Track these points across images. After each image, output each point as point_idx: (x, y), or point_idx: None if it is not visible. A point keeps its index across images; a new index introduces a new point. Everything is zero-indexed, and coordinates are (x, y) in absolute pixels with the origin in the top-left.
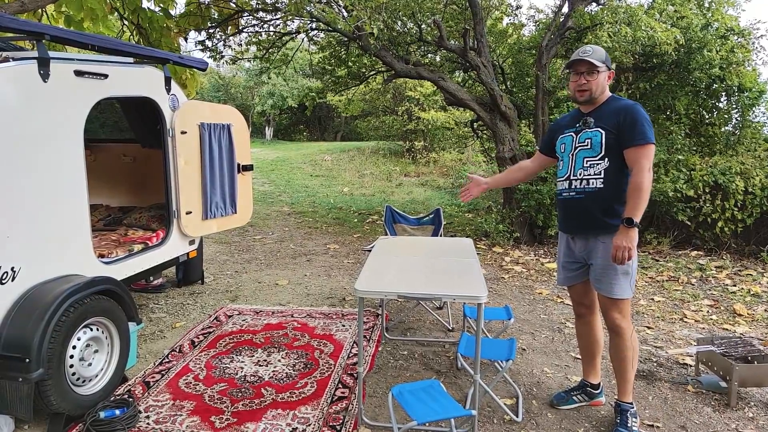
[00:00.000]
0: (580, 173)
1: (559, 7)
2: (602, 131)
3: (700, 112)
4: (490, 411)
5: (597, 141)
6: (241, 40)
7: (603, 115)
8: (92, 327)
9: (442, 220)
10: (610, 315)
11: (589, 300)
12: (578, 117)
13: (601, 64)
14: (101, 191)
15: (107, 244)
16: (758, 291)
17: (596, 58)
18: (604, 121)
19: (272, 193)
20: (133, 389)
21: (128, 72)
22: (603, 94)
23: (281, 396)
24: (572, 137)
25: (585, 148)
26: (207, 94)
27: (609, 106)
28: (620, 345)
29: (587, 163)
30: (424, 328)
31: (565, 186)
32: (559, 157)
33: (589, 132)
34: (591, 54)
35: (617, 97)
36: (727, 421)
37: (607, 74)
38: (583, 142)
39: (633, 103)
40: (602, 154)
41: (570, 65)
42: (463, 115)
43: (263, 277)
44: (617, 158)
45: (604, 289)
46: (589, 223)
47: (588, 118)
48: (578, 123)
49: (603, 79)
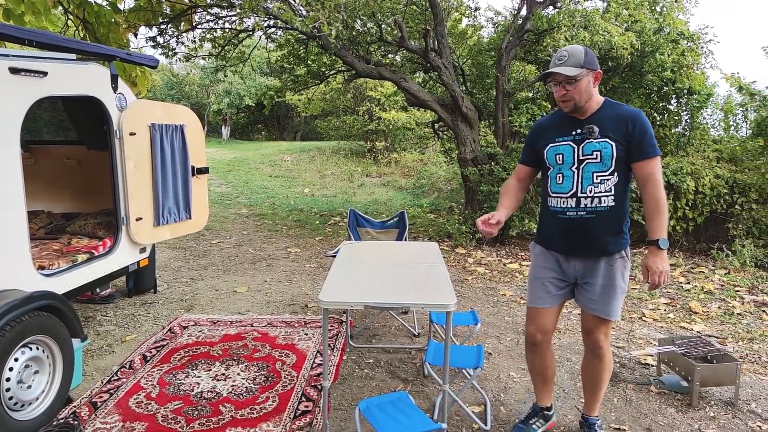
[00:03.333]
0: (590, 190)
1: (518, 10)
2: (612, 143)
3: (652, 114)
4: (458, 419)
5: (608, 154)
6: (195, 36)
7: (605, 123)
8: (31, 346)
9: (406, 224)
10: (595, 337)
11: (553, 325)
12: (573, 123)
13: (578, 70)
14: (42, 196)
15: (48, 255)
16: (711, 288)
17: (573, 64)
18: (610, 130)
19: (230, 194)
20: (78, 411)
21: (70, 69)
22: (592, 99)
23: (241, 413)
24: (572, 147)
25: (594, 162)
26: (160, 93)
27: (608, 112)
28: (599, 367)
29: (597, 178)
30: (389, 334)
31: (570, 204)
32: (551, 167)
33: (596, 143)
34: (566, 61)
35: (614, 103)
36: (690, 421)
37: (591, 77)
38: (590, 154)
39: (637, 110)
40: (612, 169)
41: (544, 76)
42: (424, 115)
43: (221, 284)
44: (624, 172)
45: (600, 309)
46: (596, 244)
47: (592, 127)
48: (576, 131)
49: (587, 85)
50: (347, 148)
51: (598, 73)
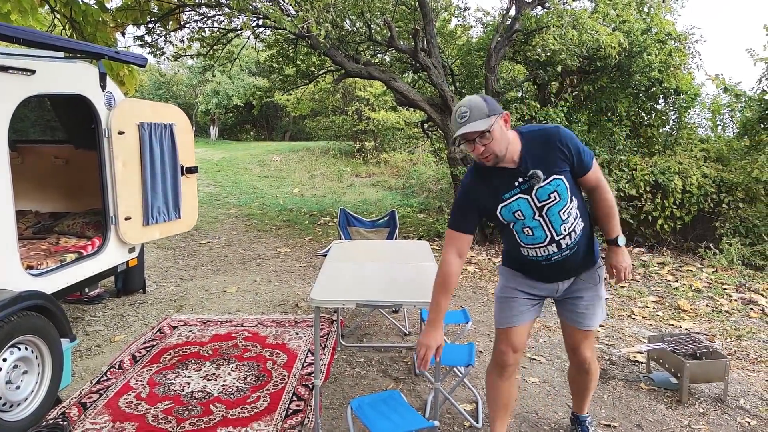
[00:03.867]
0: (564, 229)
1: (507, 10)
2: (561, 177)
3: (640, 114)
4: (450, 417)
5: (563, 189)
6: (183, 35)
7: (540, 160)
8: (20, 346)
9: (397, 223)
10: (583, 352)
11: (523, 343)
12: (511, 175)
13: (486, 121)
14: (30, 196)
15: (36, 254)
16: (699, 286)
17: (478, 117)
18: (551, 165)
19: (218, 194)
20: (68, 411)
21: (58, 68)
22: (512, 141)
23: (232, 412)
24: (526, 199)
25: (554, 203)
26: (148, 93)
27: (534, 146)
28: (587, 379)
29: (564, 215)
30: (380, 333)
31: (552, 250)
32: (513, 223)
33: (547, 186)
34: (469, 116)
35: (529, 131)
36: (680, 417)
37: (500, 121)
38: (548, 198)
39: (556, 128)
40: (570, 197)
41: (455, 140)
42: (413, 115)
43: (210, 284)
44: (577, 190)
45: (588, 323)
46: (581, 266)
47: (535, 173)
48: (518, 181)
49: (501, 131)
50: (336, 148)
51: (506, 115)
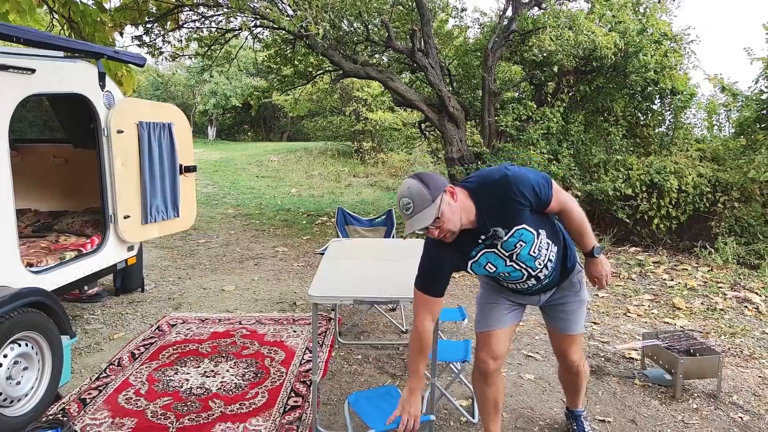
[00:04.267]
0: (539, 264)
1: (503, 11)
2: (521, 226)
3: (636, 114)
4: (446, 413)
5: (527, 234)
6: (181, 36)
7: (495, 216)
8: (20, 342)
9: (394, 221)
10: (570, 356)
11: (505, 349)
12: (472, 235)
13: (430, 208)
14: (29, 195)
15: (36, 252)
16: (694, 285)
17: (421, 208)
18: (511, 220)
19: (216, 194)
20: (67, 407)
21: (58, 67)
22: (464, 207)
23: (230, 408)
24: (493, 253)
25: (522, 248)
26: (145, 93)
27: (488, 203)
28: (577, 379)
29: (535, 251)
30: (377, 331)
31: (531, 283)
32: (488, 274)
33: (511, 238)
34: (413, 209)
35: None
36: (674, 413)
37: (446, 199)
38: (514, 247)
39: (505, 178)
40: (536, 234)
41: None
42: (411, 115)
43: (208, 283)
44: (545, 219)
45: (572, 327)
46: (557, 280)
47: (497, 232)
48: (480, 238)
49: (448, 210)
50: (334, 149)
51: (450, 188)
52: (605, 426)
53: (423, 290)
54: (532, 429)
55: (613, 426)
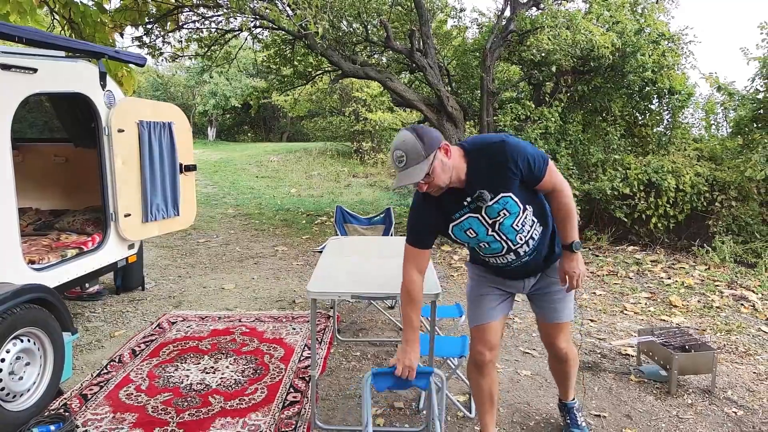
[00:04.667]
0: (520, 238)
1: (502, 11)
2: (509, 195)
3: (634, 114)
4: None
5: (512, 204)
6: (181, 36)
7: (487, 180)
8: (23, 338)
9: (392, 220)
10: (558, 344)
11: (498, 339)
12: (459, 195)
13: (423, 163)
14: (30, 194)
15: (38, 250)
16: (691, 283)
17: (414, 162)
18: (495, 184)
19: (216, 194)
20: (69, 403)
21: (60, 66)
22: (456, 165)
23: (230, 403)
24: (476, 218)
25: (505, 218)
26: (145, 93)
27: (479, 165)
28: (566, 367)
29: (518, 225)
30: (376, 328)
31: (510, 258)
32: (469, 242)
33: (495, 205)
34: (406, 162)
35: (474, 146)
36: (669, 408)
37: (440, 156)
38: (497, 215)
39: (501, 143)
40: (522, 208)
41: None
42: (410, 116)
43: (208, 282)
44: (534, 197)
45: (559, 316)
46: (541, 266)
47: (482, 194)
48: (466, 201)
49: (440, 166)
50: (334, 149)
51: (445, 145)
52: (601, 421)
53: (411, 243)
54: (528, 424)
55: (608, 421)
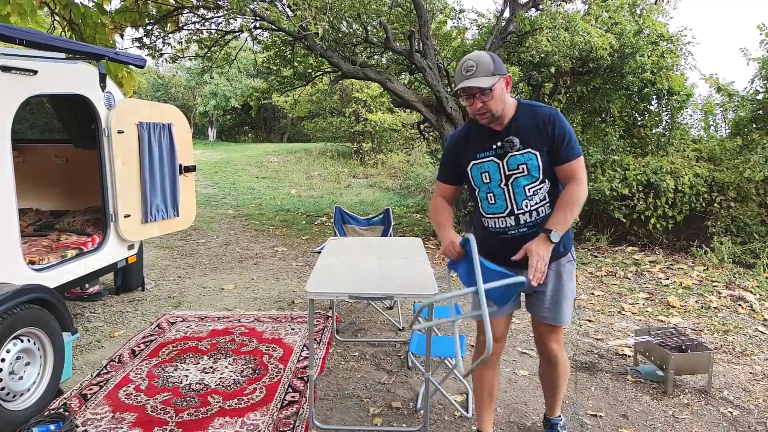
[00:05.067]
0: (526, 204)
1: (501, 12)
2: (536, 153)
3: (633, 115)
4: (441, 408)
5: (533, 165)
6: (181, 37)
7: (524, 131)
8: (23, 338)
9: (391, 221)
10: (548, 345)
11: (502, 333)
12: (491, 135)
13: (490, 78)
14: (31, 194)
15: (38, 250)
16: (689, 283)
17: (483, 73)
18: (530, 139)
19: (216, 195)
20: (69, 402)
21: (60, 68)
22: (507, 105)
23: (229, 403)
24: (496, 164)
25: (522, 175)
26: (146, 94)
27: (524, 117)
28: (556, 372)
29: (529, 191)
30: (374, 328)
31: (509, 223)
32: (479, 187)
33: (520, 156)
34: (475, 71)
35: (529, 104)
36: (665, 408)
37: (503, 82)
38: (516, 168)
39: (553, 110)
40: (541, 178)
41: (457, 92)
42: (410, 116)
43: (208, 282)
44: (552, 177)
45: (552, 317)
46: None
47: (512, 139)
48: (497, 144)
49: (501, 92)
50: (334, 150)
51: (508, 77)
52: (597, 420)
53: (439, 179)
54: (525, 423)
55: (604, 420)
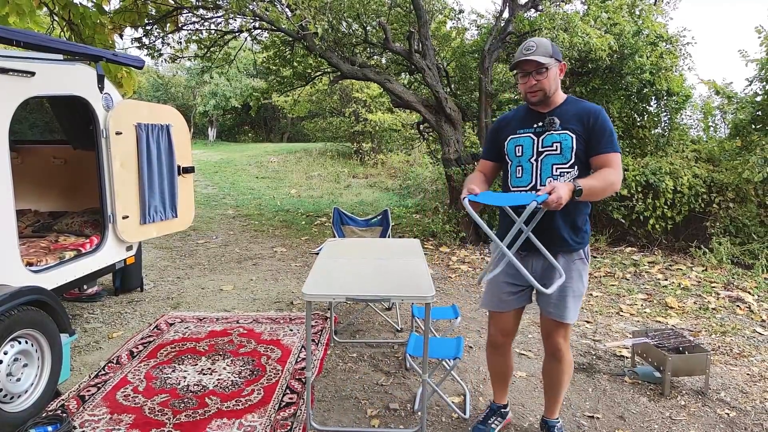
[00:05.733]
0: (549, 182)
1: (500, 13)
2: (572, 135)
3: (632, 116)
4: (438, 409)
5: (567, 145)
6: (180, 37)
7: (566, 116)
8: (21, 340)
9: (390, 222)
10: (554, 340)
11: (514, 328)
12: (535, 116)
13: (548, 59)
14: (29, 196)
15: (36, 252)
16: (688, 284)
17: (542, 54)
18: (571, 123)
19: (216, 195)
20: (66, 404)
21: (58, 70)
22: (557, 91)
23: (226, 405)
24: (533, 139)
25: (553, 153)
26: (146, 94)
27: (571, 107)
28: (559, 369)
29: (557, 170)
30: (373, 329)
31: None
32: (511, 161)
33: (556, 135)
34: (535, 50)
35: (577, 99)
36: (662, 409)
37: (557, 68)
38: (550, 145)
39: (599, 107)
40: (572, 161)
41: (515, 66)
42: (410, 117)
43: (207, 283)
44: (584, 167)
45: (557, 313)
46: (555, 239)
47: (553, 119)
48: (537, 123)
49: (554, 75)
50: (334, 150)
51: (563, 65)
52: (594, 422)
53: (481, 156)
54: (523, 425)
55: (601, 422)
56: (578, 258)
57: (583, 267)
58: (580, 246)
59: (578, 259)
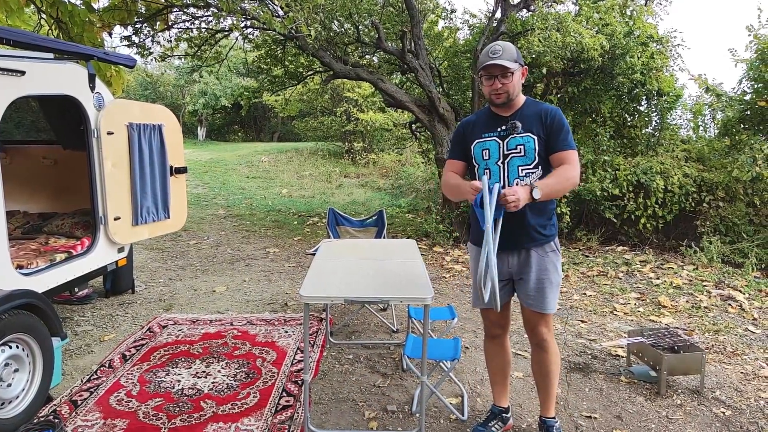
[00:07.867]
0: (516, 183)
1: (493, 13)
2: (534, 137)
3: (623, 115)
4: (436, 411)
5: (530, 147)
6: (170, 36)
7: (527, 119)
8: (11, 345)
9: (385, 222)
10: (538, 330)
11: (506, 320)
12: (498, 120)
13: (513, 63)
14: (18, 197)
15: (26, 254)
16: (679, 283)
17: (508, 59)
18: (531, 125)
19: (206, 195)
20: (59, 409)
21: (48, 69)
22: (519, 95)
23: (222, 408)
24: (498, 143)
25: (518, 155)
26: (134, 93)
27: (529, 109)
28: (546, 360)
29: (522, 171)
30: (368, 330)
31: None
32: (479, 164)
33: (519, 138)
34: (501, 54)
35: (535, 101)
36: (658, 409)
37: (521, 72)
38: (514, 148)
39: (555, 107)
40: (536, 162)
41: (481, 69)
42: (402, 116)
43: (199, 284)
44: (546, 166)
45: (536, 304)
46: (525, 236)
47: (515, 123)
48: (501, 127)
49: (518, 79)
50: (325, 149)
51: (525, 69)
52: (591, 422)
53: (448, 157)
54: (521, 426)
55: (599, 422)
56: (550, 250)
57: (556, 257)
58: (551, 238)
59: (551, 251)
